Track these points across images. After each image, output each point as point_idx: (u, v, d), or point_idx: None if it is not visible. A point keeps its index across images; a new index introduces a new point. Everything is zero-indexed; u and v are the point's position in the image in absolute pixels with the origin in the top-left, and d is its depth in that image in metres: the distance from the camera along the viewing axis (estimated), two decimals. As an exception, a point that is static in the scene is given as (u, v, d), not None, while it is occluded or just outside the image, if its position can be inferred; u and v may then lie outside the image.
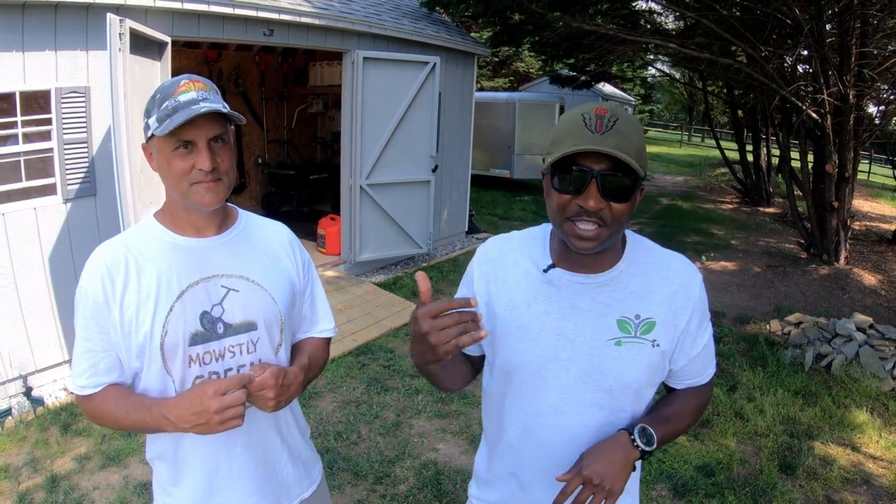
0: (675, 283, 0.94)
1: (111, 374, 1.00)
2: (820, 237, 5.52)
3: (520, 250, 1.00)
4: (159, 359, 0.98)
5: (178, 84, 0.95)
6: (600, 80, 10.88)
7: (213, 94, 0.97)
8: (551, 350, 0.93)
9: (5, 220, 2.88)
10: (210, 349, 1.01)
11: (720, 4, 5.41)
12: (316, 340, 1.21)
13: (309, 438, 1.27)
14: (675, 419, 0.98)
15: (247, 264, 1.06)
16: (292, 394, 1.04)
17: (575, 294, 0.93)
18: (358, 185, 4.99)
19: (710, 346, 1.00)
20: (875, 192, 13.09)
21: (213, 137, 0.95)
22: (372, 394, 3.21)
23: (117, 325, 0.97)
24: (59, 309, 3.14)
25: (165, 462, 1.10)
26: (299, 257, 1.16)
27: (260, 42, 4.19)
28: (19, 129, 2.88)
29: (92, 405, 1.01)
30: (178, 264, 1.00)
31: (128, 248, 0.99)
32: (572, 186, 0.83)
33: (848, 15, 4.65)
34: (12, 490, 2.31)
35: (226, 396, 0.92)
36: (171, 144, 0.94)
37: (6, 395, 2.95)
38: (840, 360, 3.62)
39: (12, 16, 2.74)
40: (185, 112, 0.91)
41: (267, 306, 1.06)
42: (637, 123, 0.85)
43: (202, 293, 1.01)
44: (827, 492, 2.51)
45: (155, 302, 0.97)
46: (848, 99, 4.81)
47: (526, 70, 18.25)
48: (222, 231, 1.06)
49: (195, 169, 0.94)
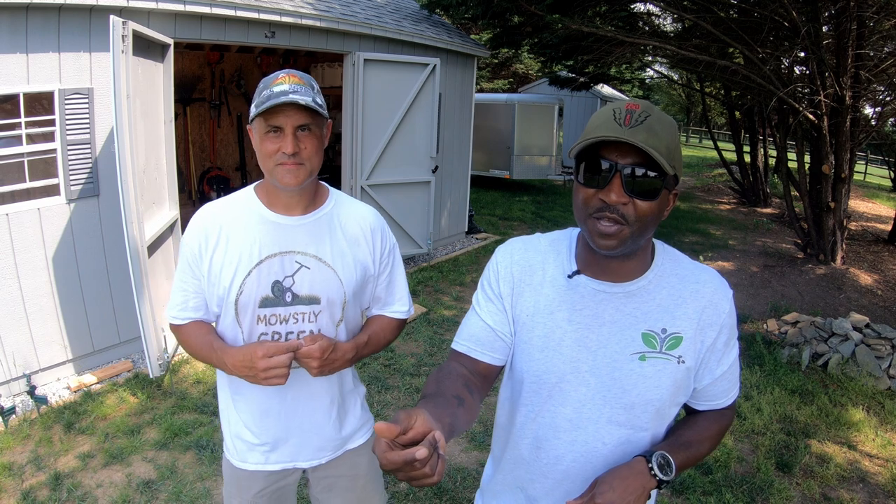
0: (704, 297, 0.89)
1: (197, 312, 1.20)
2: (816, 237, 5.55)
3: (545, 253, 0.95)
4: (233, 312, 1.16)
5: (276, 77, 1.07)
6: (599, 81, 10.92)
7: (306, 88, 1.06)
8: (571, 361, 0.88)
9: (9, 220, 2.90)
10: (276, 312, 1.16)
11: (718, 7, 5.46)
12: (386, 319, 1.32)
13: (364, 401, 1.39)
14: (695, 445, 0.92)
15: (322, 245, 1.18)
16: (338, 366, 1.17)
17: (599, 303, 0.88)
18: (359, 186, 5.02)
19: (736, 365, 0.94)
20: (871, 192, 13.15)
21: (300, 126, 1.06)
22: (373, 392, 3.23)
23: (206, 275, 1.15)
24: (63, 308, 3.16)
25: (232, 384, 1.25)
26: (380, 243, 1.25)
27: (262, 44, 4.21)
28: (23, 130, 2.89)
29: (180, 333, 1.21)
30: (263, 236, 1.14)
31: (224, 215, 1.16)
32: (596, 179, 0.80)
33: (844, 17, 4.69)
34: (16, 487, 2.32)
35: (272, 359, 1.05)
36: (263, 128, 1.06)
37: (10, 394, 2.97)
38: (836, 358, 3.65)
39: (16, 18, 2.76)
40: (273, 100, 1.02)
41: (332, 286, 1.18)
42: (671, 123, 0.81)
43: (277, 265, 1.15)
44: (823, 489, 2.53)
45: (236, 265, 1.13)
46: (844, 100, 4.85)
47: (525, 72, 18.29)
48: (309, 211, 1.18)
49: (280, 151, 1.06)
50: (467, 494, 2.42)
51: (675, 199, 0.85)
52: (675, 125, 0.82)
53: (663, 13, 7.08)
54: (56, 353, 3.17)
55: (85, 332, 3.28)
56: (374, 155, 5.03)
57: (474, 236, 7.04)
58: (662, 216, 0.84)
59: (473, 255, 6.27)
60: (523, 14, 6.46)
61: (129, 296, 2.96)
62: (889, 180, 14.38)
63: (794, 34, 4.97)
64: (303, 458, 1.28)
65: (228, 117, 6.64)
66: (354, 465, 1.35)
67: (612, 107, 0.81)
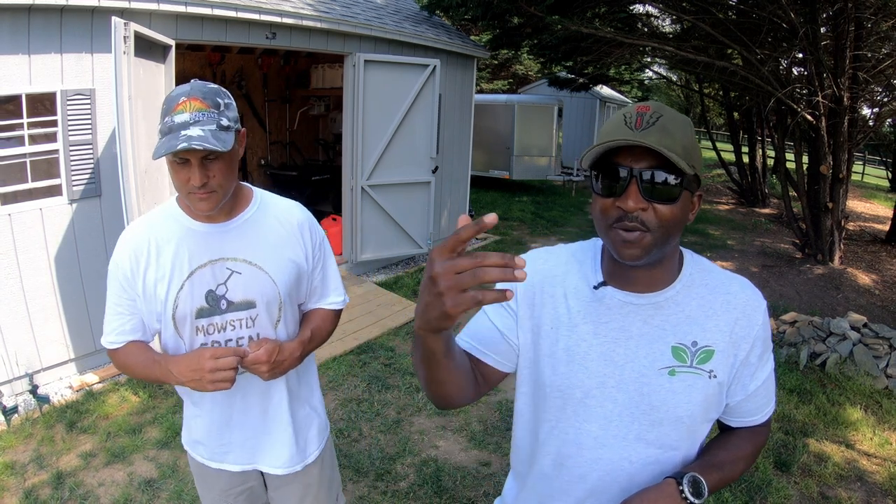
0: (736, 308, 0.84)
1: (134, 334, 1.19)
2: (815, 237, 5.57)
3: (568, 264, 0.91)
4: (172, 326, 1.16)
5: (177, 101, 1.02)
6: (598, 82, 10.94)
7: (209, 113, 1.02)
8: (598, 376, 0.84)
9: (11, 220, 2.92)
10: (213, 322, 1.17)
11: (716, 8, 5.48)
12: (324, 311, 1.32)
13: (319, 408, 1.39)
14: (728, 465, 0.87)
15: (251, 249, 1.18)
16: (287, 366, 1.18)
17: (626, 315, 0.84)
18: (359, 186, 5.04)
19: (771, 380, 0.89)
20: (869, 192, 13.18)
21: (205, 157, 1.04)
22: (373, 392, 3.25)
23: (141, 294, 1.15)
24: (65, 308, 3.18)
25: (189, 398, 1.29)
26: (309, 237, 1.26)
27: (262, 45, 4.23)
28: (25, 131, 2.91)
29: (117, 357, 1.20)
30: (191, 247, 1.14)
31: (150, 232, 1.15)
32: (612, 187, 0.76)
33: (842, 18, 4.71)
34: (19, 486, 2.33)
35: (219, 360, 1.07)
36: (170, 158, 1.04)
37: (13, 393, 2.98)
38: (834, 358, 3.67)
39: (18, 19, 2.78)
40: (170, 141, 1.00)
41: (266, 287, 1.18)
42: (685, 121, 0.77)
43: (209, 274, 1.15)
44: (821, 488, 2.54)
45: (169, 280, 1.13)
46: (842, 101, 4.87)
47: (525, 72, 18.30)
48: (233, 217, 1.18)
49: (189, 183, 1.05)
50: (467, 493, 2.43)
51: (699, 200, 0.81)
52: (689, 123, 0.78)
53: (662, 14, 7.10)
54: (58, 352, 3.18)
55: (87, 331, 3.29)
56: (374, 155, 5.04)
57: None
58: (687, 220, 0.79)
59: (473, 256, 6.28)
60: (523, 15, 6.48)
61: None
62: (887, 181, 14.42)
63: (792, 35, 4.99)
64: (261, 462, 1.30)
65: (229, 118, 6.65)
66: (308, 474, 1.36)
67: (623, 111, 0.78)
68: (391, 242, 5.40)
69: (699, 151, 0.79)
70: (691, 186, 0.78)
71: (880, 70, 5.06)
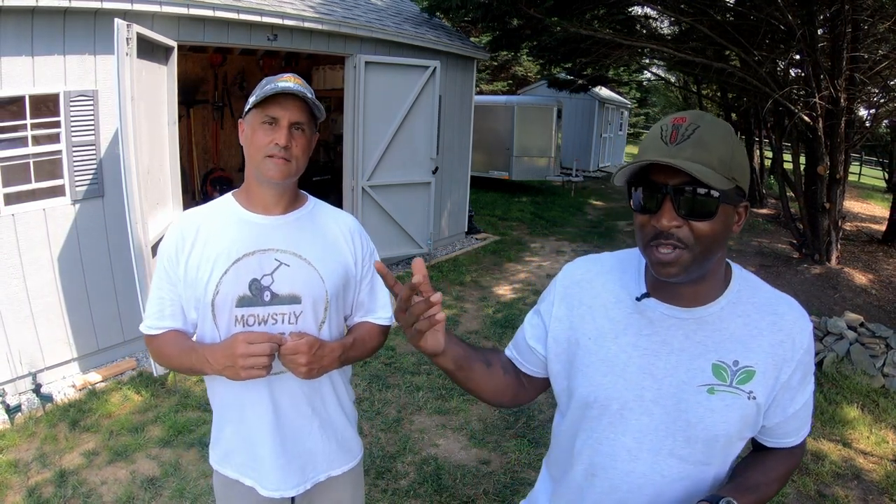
0: (781, 329, 0.82)
1: (174, 321, 1.16)
2: (812, 237, 5.60)
3: (611, 273, 0.90)
4: (210, 314, 1.11)
5: (281, 76, 1.09)
6: (597, 83, 10.98)
7: (309, 91, 1.09)
8: (636, 389, 0.83)
9: (15, 220, 2.93)
10: (254, 313, 1.11)
11: (714, 10, 5.51)
12: (370, 325, 1.27)
13: (354, 422, 1.34)
14: (763, 487, 0.85)
15: (302, 243, 1.15)
16: (326, 365, 1.12)
17: (668, 329, 0.83)
18: (360, 187, 5.06)
19: (810, 404, 0.87)
20: (866, 193, 13.23)
21: (294, 123, 1.08)
22: (374, 391, 3.27)
23: (182, 278, 1.12)
24: (68, 308, 3.19)
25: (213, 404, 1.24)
26: (360, 247, 1.23)
27: (264, 46, 4.25)
28: (28, 132, 2.93)
29: (154, 344, 1.17)
30: (242, 236, 1.12)
31: (201, 219, 1.14)
32: (648, 205, 0.76)
33: (839, 20, 4.74)
34: (22, 484, 2.35)
35: (253, 345, 1.03)
36: (259, 118, 1.07)
37: (16, 392, 3.00)
38: (832, 357, 3.69)
39: (22, 21, 2.80)
40: (276, 89, 1.04)
41: (314, 284, 1.15)
42: (725, 130, 0.75)
43: (255, 262, 1.11)
44: (819, 487, 2.56)
45: (213, 264, 1.10)
46: (839, 102, 4.90)
47: (524, 74, 18.34)
48: (289, 212, 1.17)
49: (272, 143, 1.07)
50: (467, 491, 2.45)
51: (746, 210, 0.78)
52: (730, 131, 0.75)
53: (660, 16, 7.14)
54: (61, 351, 3.20)
55: (90, 330, 3.30)
56: (374, 156, 5.07)
57: (474, 236, 7.08)
58: (731, 232, 0.78)
59: (473, 256, 6.31)
60: (523, 17, 6.51)
61: (134, 295, 3.00)
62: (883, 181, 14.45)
63: (789, 37, 5.02)
64: (289, 486, 1.21)
65: (231, 119, 6.68)
66: (339, 495, 1.30)
67: (660, 123, 0.76)
68: (392, 243, 5.42)
69: (743, 158, 0.76)
70: (731, 199, 0.75)
71: (877, 71, 5.09)
